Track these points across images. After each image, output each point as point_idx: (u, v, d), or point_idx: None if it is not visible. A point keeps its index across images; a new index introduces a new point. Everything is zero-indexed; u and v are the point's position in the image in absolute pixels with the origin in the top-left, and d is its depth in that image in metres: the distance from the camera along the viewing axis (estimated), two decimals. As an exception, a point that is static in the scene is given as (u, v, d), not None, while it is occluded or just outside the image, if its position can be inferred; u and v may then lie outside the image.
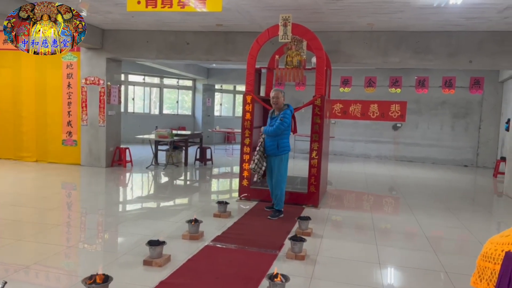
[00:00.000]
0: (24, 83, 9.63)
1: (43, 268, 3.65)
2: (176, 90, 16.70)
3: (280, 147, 5.39)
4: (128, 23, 8.26)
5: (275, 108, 5.51)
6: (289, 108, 5.46)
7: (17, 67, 9.59)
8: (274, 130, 5.31)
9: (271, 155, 5.48)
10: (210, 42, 8.67)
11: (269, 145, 5.44)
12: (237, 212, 5.78)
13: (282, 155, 5.44)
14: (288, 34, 6.09)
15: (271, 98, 5.47)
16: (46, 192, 6.92)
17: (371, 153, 13.98)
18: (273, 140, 5.38)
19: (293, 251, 4.07)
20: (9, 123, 9.76)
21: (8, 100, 9.75)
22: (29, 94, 9.61)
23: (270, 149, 5.45)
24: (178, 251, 4.08)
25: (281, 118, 5.29)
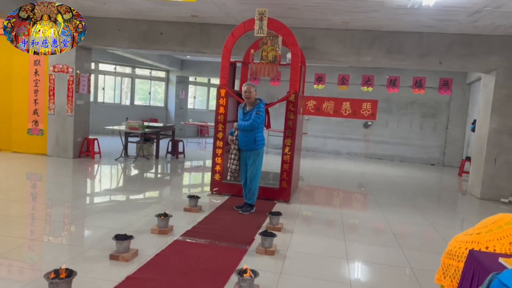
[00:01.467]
0: (-13, 69, 9.18)
1: (5, 261, 3.50)
2: (148, 81, 16.39)
3: (257, 141, 5.34)
4: (100, 10, 8.01)
5: (247, 102, 5.43)
6: (261, 102, 5.43)
7: (-21, 51, 9.12)
8: (251, 124, 5.25)
9: (246, 150, 5.41)
10: (185, 33, 8.53)
11: (245, 140, 5.35)
12: (208, 207, 5.73)
13: (259, 149, 5.41)
14: (263, 29, 6.07)
15: (243, 93, 5.37)
16: (9, 182, 6.65)
17: (342, 150, 14.20)
18: (249, 134, 5.31)
19: (263, 246, 4.07)
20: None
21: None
22: (-7, 80, 9.18)
23: (246, 144, 5.37)
24: (146, 245, 4.01)
25: (257, 111, 5.25)
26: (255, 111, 5.30)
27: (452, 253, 2.13)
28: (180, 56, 15.00)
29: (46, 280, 2.77)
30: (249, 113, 5.36)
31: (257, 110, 5.28)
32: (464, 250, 2.03)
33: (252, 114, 5.30)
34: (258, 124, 5.27)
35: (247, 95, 5.34)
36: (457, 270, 2.03)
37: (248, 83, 5.42)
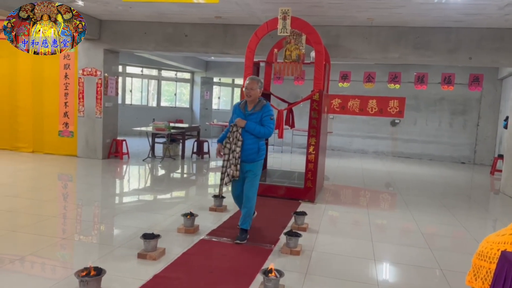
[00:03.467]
0: (20, 73, 9.55)
1: (38, 259, 3.64)
2: (174, 82, 16.62)
3: (261, 151, 4.35)
4: (126, 14, 8.18)
5: (249, 100, 4.36)
6: (268, 104, 4.49)
7: (13, 57, 9.49)
8: (269, 133, 4.24)
9: (247, 161, 4.27)
10: (209, 35, 8.60)
11: (249, 148, 4.23)
12: (233, 206, 5.75)
13: (260, 161, 4.39)
14: (287, 28, 6.05)
15: (244, 88, 4.38)
16: (42, 183, 6.89)
17: (368, 149, 13.98)
18: (255, 142, 4.26)
19: (288, 246, 4.06)
20: (6, 114, 9.70)
21: (4, 90, 9.67)
22: (26, 85, 9.54)
23: (248, 154, 4.24)
24: (173, 244, 4.07)
25: (271, 117, 4.29)
26: (266, 115, 4.27)
27: (483, 254, 2.06)
28: (205, 58, 15.14)
29: (77, 278, 2.86)
30: (253, 116, 4.28)
31: (269, 115, 4.30)
32: (496, 251, 1.96)
33: (263, 118, 4.26)
34: (272, 132, 4.39)
35: (248, 92, 4.31)
36: (489, 272, 1.97)
37: (252, 77, 4.39)
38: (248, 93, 4.30)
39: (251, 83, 4.29)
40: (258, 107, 4.30)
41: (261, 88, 4.34)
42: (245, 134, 4.21)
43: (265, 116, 4.26)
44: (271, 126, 4.27)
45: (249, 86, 4.29)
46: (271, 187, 6.44)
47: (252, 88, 4.28)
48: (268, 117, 4.27)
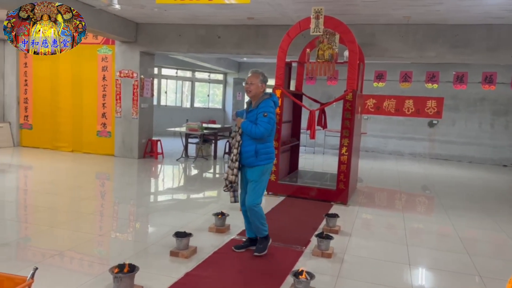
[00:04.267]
0: (61, 75, 9.96)
1: (76, 254, 3.77)
2: (207, 83, 16.84)
3: (260, 154, 3.73)
4: (161, 17, 8.36)
5: (250, 97, 3.87)
6: (271, 98, 3.83)
7: (55, 60, 9.92)
8: (261, 132, 3.66)
9: (247, 165, 3.80)
10: (241, 36, 8.65)
11: (245, 150, 3.76)
12: (264, 207, 5.75)
13: (262, 166, 3.76)
14: (320, 27, 5.98)
15: (245, 84, 3.88)
16: (80, 181, 7.16)
17: (404, 150, 13.61)
18: (251, 144, 3.72)
19: (319, 248, 4.01)
20: (47, 114, 10.15)
21: (46, 92, 10.12)
22: (66, 86, 9.94)
23: (245, 157, 3.76)
24: (205, 243, 4.11)
25: (264, 113, 3.66)
26: (261, 111, 3.70)
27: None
28: (237, 59, 15.24)
29: (111, 274, 2.94)
30: (251, 113, 3.79)
31: (264, 111, 3.68)
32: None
33: (258, 115, 3.72)
34: (269, 132, 3.72)
35: (248, 87, 3.79)
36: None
37: (254, 70, 3.87)
38: (247, 88, 3.80)
39: (251, 77, 3.78)
40: (257, 103, 3.76)
41: (264, 83, 3.81)
42: (244, 134, 3.77)
43: (259, 112, 3.68)
44: (262, 125, 3.64)
45: (249, 80, 3.79)
46: (302, 188, 6.39)
47: (252, 83, 3.76)
48: (261, 114, 3.65)
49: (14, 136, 10.35)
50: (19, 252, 3.88)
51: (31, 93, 10.25)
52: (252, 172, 3.77)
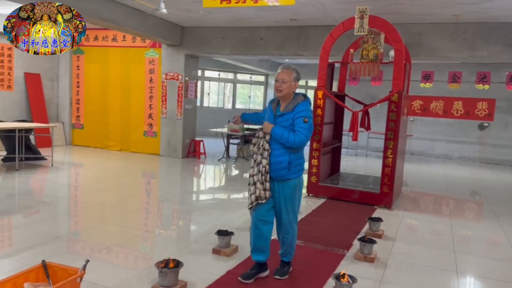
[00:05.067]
0: (111, 78, 10.42)
1: (122, 249, 3.93)
2: (249, 85, 16.99)
3: (293, 166, 3.19)
4: (206, 20, 8.54)
5: (280, 97, 3.25)
6: (307, 101, 3.27)
7: (105, 63, 10.40)
8: (301, 141, 3.10)
9: (277, 178, 3.20)
10: (283, 37, 8.66)
11: (276, 161, 3.15)
12: (305, 209, 5.73)
13: (295, 179, 3.24)
14: (364, 27, 5.87)
15: (275, 81, 3.23)
16: (128, 179, 7.45)
17: (453, 154, 13.04)
18: (284, 153, 3.14)
19: (362, 252, 3.93)
20: (97, 115, 10.64)
21: (96, 93, 10.62)
22: (115, 88, 10.38)
23: (276, 169, 3.16)
24: (246, 242, 4.14)
25: (305, 119, 3.10)
26: (298, 116, 3.12)
27: None
28: (279, 60, 15.26)
29: (157, 269, 3.04)
30: (283, 117, 3.18)
31: (304, 116, 3.11)
32: None
33: (295, 120, 3.12)
34: (307, 140, 3.16)
35: (280, 86, 3.18)
36: None
37: (286, 65, 3.24)
38: (278, 86, 3.17)
39: (282, 74, 3.17)
40: (291, 105, 3.16)
41: (297, 80, 3.22)
42: (274, 142, 3.12)
43: (297, 117, 3.09)
44: (303, 132, 3.06)
45: (280, 77, 3.17)
46: (344, 191, 6.29)
47: (284, 80, 3.14)
48: (301, 119, 3.08)
49: (66, 135, 10.94)
50: (69, 245, 4.09)
51: (82, 95, 10.79)
52: (284, 187, 3.20)
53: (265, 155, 3.14)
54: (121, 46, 10.18)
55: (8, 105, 9.70)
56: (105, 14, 7.12)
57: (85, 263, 2.48)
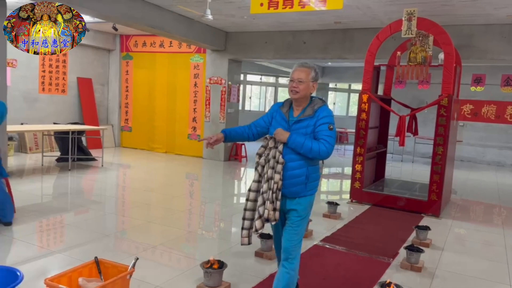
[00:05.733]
0: (157, 82, 10.77)
1: (167, 249, 4.05)
2: (291, 89, 16.95)
3: (311, 181, 2.68)
4: (249, 25, 8.63)
5: (295, 100, 2.73)
6: (326, 106, 2.75)
7: (152, 68, 10.77)
8: (326, 152, 2.58)
9: (289, 195, 2.66)
10: (327, 40, 8.58)
11: (292, 175, 2.62)
12: (348, 215, 5.63)
13: (310, 196, 2.72)
14: (412, 29, 5.71)
15: (289, 81, 2.72)
16: (172, 180, 7.66)
17: (506, 161, 12.33)
18: (302, 166, 2.63)
19: (408, 261, 3.81)
20: (145, 118, 11.03)
21: (144, 98, 11.02)
22: (162, 92, 10.73)
23: (291, 184, 2.63)
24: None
25: (330, 125, 2.62)
26: (322, 122, 2.62)
27: None
28: (321, 63, 15.14)
29: (202, 269, 3.10)
30: (301, 124, 2.66)
31: (329, 122, 2.63)
32: None
33: (317, 127, 2.62)
34: (333, 150, 2.65)
35: (296, 87, 2.66)
36: None
37: (303, 63, 2.74)
38: (294, 87, 2.66)
39: (299, 72, 2.67)
40: (310, 110, 2.67)
41: (315, 81, 2.72)
42: (288, 152, 2.61)
43: (320, 123, 2.61)
44: (329, 141, 2.58)
45: (296, 76, 2.67)
46: (389, 198, 6.12)
47: (301, 80, 2.64)
48: (325, 126, 2.61)
49: (115, 138, 11.42)
50: (117, 243, 4.26)
51: (131, 98, 11.23)
52: (299, 204, 2.65)
53: (278, 169, 2.59)
54: (167, 51, 10.51)
55: (62, 108, 10.28)
56: (155, 21, 7.39)
57: (134, 261, 2.57)
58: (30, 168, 7.79)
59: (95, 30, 10.21)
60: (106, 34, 10.79)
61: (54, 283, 2.28)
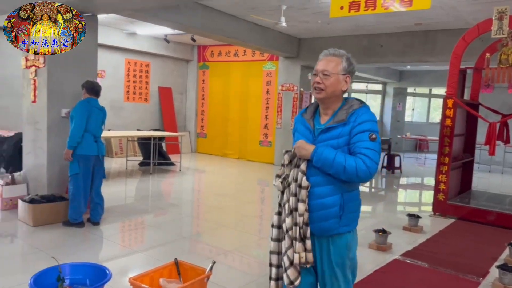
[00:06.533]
0: (231, 90, 11.06)
1: (240, 254, 4.08)
2: (364, 94, 16.43)
3: (347, 212, 1.97)
4: (323, 30, 8.52)
5: (321, 101, 2.03)
6: (366, 106, 2.02)
7: (226, 76, 11.10)
8: (365, 169, 1.85)
9: (319, 233, 1.96)
10: (405, 43, 8.18)
11: (320, 205, 1.94)
12: (430, 228, 5.26)
13: (349, 234, 2.00)
14: (504, 29, 5.22)
15: (312, 75, 2.03)
16: (244, 186, 7.77)
17: None
18: (334, 191, 1.93)
19: (501, 281, 3.44)
20: (219, 125, 11.37)
21: (218, 105, 11.37)
22: (235, 100, 10.99)
23: (319, 218, 1.94)
24: (365, 259, 3.96)
25: (372, 134, 1.90)
26: (360, 130, 1.91)
27: None
28: (398, 67, 14.48)
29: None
30: (331, 132, 1.95)
31: (370, 130, 1.91)
32: None
33: (354, 137, 1.91)
34: (377, 168, 1.93)
35: (320, 83, 1.97)
36: None
37: (330, 50, 2.04)
38: (317, 83, 1.97)
39: (324, 62, 1.98)
40: (343, 114, 1.96)
41: (349, 74, 2.01)
42: (314, 173, 1.94)
43: (357, 132, 1.90)
44: (370, 155, 1.86)
45: (320, 67, 1.98)
46: (477, 211, 5.62)
47: (326, 72, 1.95)
48: (365, 134, 1.89)
49: (192, 144, 11.91)
50: (192, 245, 4.40)
51: (206, 106, 11.66)
52: (330, 247, 1.95)
53: (302, 196, 1.91)
54: (241, 60, 10.76)
55: (145, 115, 10.96)
56: (231, 32, 7.62)
57: (212, 264, 2.62)
58: (115, 171, 8.38)
59: (175, 42, 10.77)
60: (185, 46, 11.33)
61: (137, 282, 2.39)
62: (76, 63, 5.09)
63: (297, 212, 1.92)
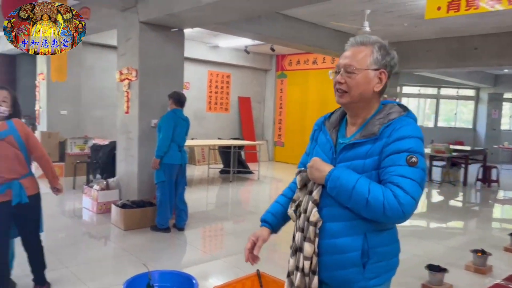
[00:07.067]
0: (309, 99, 10.97)
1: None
2: (454, 100, 15.27)
3: (374, 261, 1.43)
4: (410, 34, 8.09)
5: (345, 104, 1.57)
6: (409, 114, 1.46)
7: (304, 84, 11.03)
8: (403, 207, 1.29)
9: (335, 285, 1.46)
10: (503, 45, 7.44)
11: (334, 247, 1.41)
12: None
13: None
14: None
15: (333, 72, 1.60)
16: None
17: None
18: (352, 229, 1.39)
19: None
20: (296, 133, 11.31)
21: (296, 114, 11.33)
22: (313, 108, 10.86)
23: (334, 265, 1.42)
24: (461, 282, 3.61)
25: (412, 157, 1.31)
26: (398, 148, 1.34)
27: None
28: (494, 71, 13.24)
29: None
30: (357, 149, 1.42)
31: (411, 149, 1.33)
32: None
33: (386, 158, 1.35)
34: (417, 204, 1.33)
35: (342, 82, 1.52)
36: None
37: (358, 37, 1.51)
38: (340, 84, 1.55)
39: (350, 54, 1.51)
40: (375, 125, 1.43)
41: (384, 68, 1.52)
42: (329, 203, 1.43)
43: (391, 152, 1.36)
44: (405, 187, 1.30)
45: (344, 60, 1.52)
46: None
47: (350, 69, 1.48)
48: (402, 156, 1.33)
49: (269, 152, 11.99)
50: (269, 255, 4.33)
51: (284, 115, 11.69)
52: None
53: (310, 233, 1.44)
54: (320, 68, 10.63)
55: (225, 124, 11.29)
56: (310, 39, 7.55)
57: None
58: (197, 179, 8.71)
59: (254, 52, 10.97)
60: (263, 56, 11.50)
61: (221, 292, 2.41)
62: (165, 76, 5.40)
63: (301, 253, 1.46)
